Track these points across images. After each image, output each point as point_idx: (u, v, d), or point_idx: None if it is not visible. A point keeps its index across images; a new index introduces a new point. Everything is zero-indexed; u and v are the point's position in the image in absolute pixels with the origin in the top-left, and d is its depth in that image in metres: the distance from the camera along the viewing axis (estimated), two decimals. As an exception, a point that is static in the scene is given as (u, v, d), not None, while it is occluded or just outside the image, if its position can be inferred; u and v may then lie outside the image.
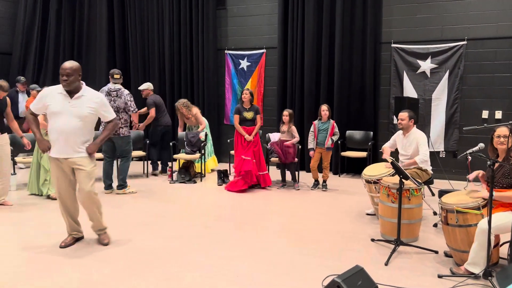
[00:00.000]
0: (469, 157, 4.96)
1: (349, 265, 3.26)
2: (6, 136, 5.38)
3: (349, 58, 7.76)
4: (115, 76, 6.31)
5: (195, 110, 7.70)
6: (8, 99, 5.42)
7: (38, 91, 7.95)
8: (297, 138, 6.62)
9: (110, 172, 6.37)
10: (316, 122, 6.55)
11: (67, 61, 3.86)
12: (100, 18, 9.52)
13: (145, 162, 7.83)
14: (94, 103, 3.92)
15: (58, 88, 3.88)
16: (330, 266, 3.70)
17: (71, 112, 3.81)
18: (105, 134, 4.09)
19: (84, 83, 3.96)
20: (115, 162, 6.53)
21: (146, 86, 7.72)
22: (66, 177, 3.98)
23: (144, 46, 9.35)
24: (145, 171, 7.79)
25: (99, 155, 7.20)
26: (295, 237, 4.45)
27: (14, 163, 6.61)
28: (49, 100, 3.84)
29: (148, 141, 7.59)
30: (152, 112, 7.55)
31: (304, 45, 8.00)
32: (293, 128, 6.65)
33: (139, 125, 7.17)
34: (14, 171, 6.48)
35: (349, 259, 3.84)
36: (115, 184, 6.42)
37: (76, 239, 4.22)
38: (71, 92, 3.84)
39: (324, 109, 6.47)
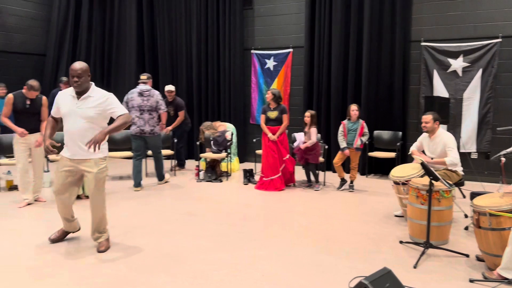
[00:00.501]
0: (503, 159, 4.81)
1: (376, 267, 3.21)
2: (39, 135, 5.55)
3: (377, 57, 7.64)
4: (142, 77, 6.57)
5: (221, 128, 7.79)
6: (44, 98, 5.56)
7: (65, 83, 8.21)
8: (312, 140, 6.50)
9: (140, 169, 6.51)
10: (345, 121, 6.48)
11: (76, 62, 3.85)
12: (129, 20, 9.72)
13: (172, 160, 7.95)
14: (100, 103, 3.85)
15: (70, 90, 3.91)
16: (357, 267, 3.65)
17: (78, 113, 3.82)
18: (115, 124, 3.78)
19: (93, 84, 3.96)
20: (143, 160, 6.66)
21: (173, 88, 7.84)
22: (68, 176, 3.95)
23: (172, 47, 9.49)
24: (173, 170, 7.90)
25: (128, 153, 7.37)
26: (321, 237, 4.42)
27: (48, 160, 6.82)
28: (60, 102, 3.91)
29: (176, 140, 7.71)
30: (182, 114, 7.74)
31: (331, 44, 7.93)
32: (312, 130, 6.54)
33: (165, 127, 7.28)
34: (47, 169, 6.69)
35: (377, 261, 3.78)
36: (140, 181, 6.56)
37: (67, 233, 4.28)
38: (80, 93, 3.85)
39: (354, 108, 6.39)
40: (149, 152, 6.93)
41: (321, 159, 6.71)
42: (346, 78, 7.90)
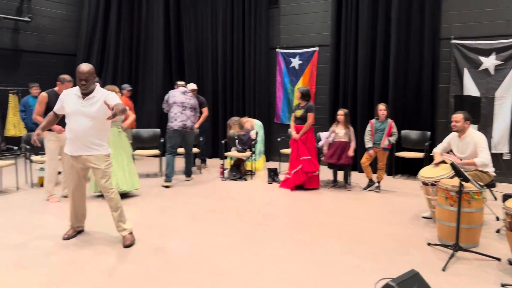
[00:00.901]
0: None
1: (403, 269, 3.15)
2: None
3: (405, 55, 7.49)
4: (180, 83, 7.10)
5: (248, 124, 7.79)
6: None
7: (129, 91, 8.56)
8: (354, 141, 6.46)
9: (174, 165, 6.69)
10: (373, 121, 6.38)
11: (83, 65, 3.94)
12: (157, 19, 9.87)
13: (196, 159, 8.03)
14: (102, 101, 3.93)
15: (75, 90, 4.03)
16: (383, 269, 3.59)
17: (82, 112, 3.94)
18: (118, 107, 3.74)
19: (98, 84, 4.09)
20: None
21: (196, 86, 7.91)
22: (77, 174, 4.13)
23: (198, 46, 9.58)
24: (199, 168, 7.99)
25: (155, 151, 7.48)
26: (347, 238, 4.37)
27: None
28: (65, 101, 4.02)
29: (202, 138, 7.80)
30: (206, 111, 7.84)
31: (358, 42, 7.83)
32: (352, 129, 6.48)
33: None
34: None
35: (404, 263, 3.71)
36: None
37: (78, 232, 4.40)
38: (86, 93, 3.98)
39: (382, 108, 6.28)
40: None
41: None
42: (373, 76, 7.78)
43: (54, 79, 5.87)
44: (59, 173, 6.00)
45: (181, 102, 6.65)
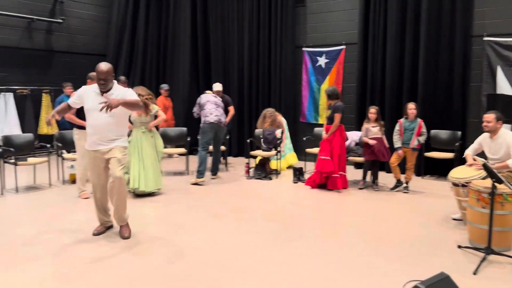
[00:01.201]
0: None
1: (433, 272, 3.08)
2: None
3: (435, 53, 7.31)
4: (208, 92, 7.36)
5: (279, 118, 7.84)
6: None
7: (166, 90, 8.81)
8: (381, 137, 6.41)
9: (206, 161, 6.85)
10: (402, 120, 6.27)
11: (102, 64, 4.02)
12: (184, 19, 9.98)
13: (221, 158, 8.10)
14: (121, 98, 4.03)
15: (94, 87, 4.14)
16: (412, 271, 3.53)
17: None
18: (130, 99, 4.01)
19: (115, 82, 4.18)
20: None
21: (221, 87, 8.04)
22: (99, 168, 4.24)
23: (224, 45, 9.63)
24: (225, 165, 8.06)
25: (182, 150, 7.57)
26: (374, 239, 4.31)
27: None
28: (85, 98, 4.14)
29: (228, 137, 7.87)
30: (233, 109, 7.93)
31: (386, 40, 7.69)
32: (383, 124, 6.44)
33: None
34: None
35: (433, 266, 3.63)
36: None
37: (107, 227, 4.48)
38: (105, 91, 4.08)
39: (411, 107, 6.16)
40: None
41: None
42: (401, 75, 7.63)
43: (84, 78, 6.04)
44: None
45: (214, 102, 7.02)
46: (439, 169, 7.40)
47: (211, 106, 6.92)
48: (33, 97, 9.33)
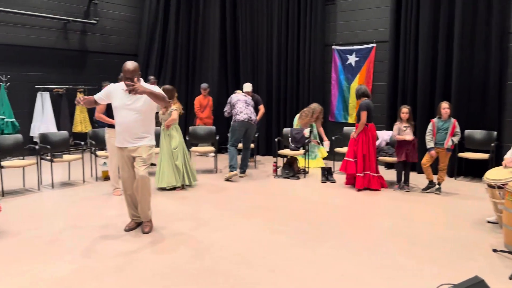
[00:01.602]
0: None
1: (466, 276, 3.00)
2: None
3: (470, 51, 7.09)
4: (238, 91, 7.65)
5: (319, 115, 7.93)
6: None
7: (205, 89, 9.01)
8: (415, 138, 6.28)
9: (237, 156, 7.11)
10: (435, 120, 6.11)
11: (129, 63, 4.09)
12: (213, 19, 10.07)
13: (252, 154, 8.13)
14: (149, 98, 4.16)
15: (121, 85, 4.23)
16: (444, 274, 3.44)
17: (129, 107, 4.16)
18: (156, 91, 4.12)
19: (142, 80, 4.25)
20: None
21: (251, 87, 8.11)
22: (127, 165, 4.33)
23: (253, 44, 9.66)
24: (254, 163, 8.08)
25: (208, 148, 7.64)
26: (405, 240, 4.23)
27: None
28: (113, 96, 4.22)
29: (257, 135, 7.92)
30: (263, 107, 8.08)
31: (419, 38, 7.51)
32: (414, 125, 6.30)
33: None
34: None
35: (467, 269, 3.53)
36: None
37: (138, 223, 4.56)
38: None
39: (445, 106, 6.00)
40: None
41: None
42: (434, 73, 7.44)
43: (117, 78, 6.19)
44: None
45: (244, 100, 7.25)
46: (473, 170, 7.18)
47: (242, 104, 7.12)
48: (68, 96, 9.64)
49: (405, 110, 6.28)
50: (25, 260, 3.70)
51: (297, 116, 8.20)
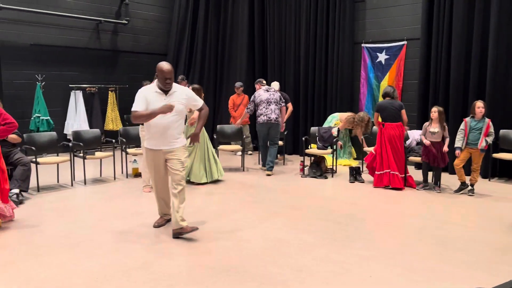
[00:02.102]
0: None
1: (501, 280, 2.90)
2: None
3: (506, 47, 6.83)
4: (264, 81, 7.95)
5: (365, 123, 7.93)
6: None
7: (238, 88, 9.09)
8: (448, 139, 6.08)
9: (267, 154, 7.43)
10: (467, 119, 5.93)
11: (166, 64, 4.12)
12: (241, 18, 10.10)
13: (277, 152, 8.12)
14: (185, 98, 4.26)
15: (152, 88, 4.23)
16: (478, 278, 3.33)
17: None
18: (201, 122, 4.46)
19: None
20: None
21: (278, 86, 8.28)
22: (160, 165, 4.34)
23: (281, 42, 9.63)
24: (283, 161, 8.06)
25: (235, 146, 7.66)
26: (437, 243, 4.12)
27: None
28: (148, 99, 4.18)
29: (286, 132, 7.94)
30: (291, 106, 8.23)
31: (452, 35, 7.29)
32: (446, 128, 6.11)
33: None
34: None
35: (502, 273, 3.40)
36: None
37: (167, 220, 4.63)
38: (168, 90, 4.18)
39: (479, 105, 5.81)
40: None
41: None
42: (467, 72, 7.21)
43: (146, 77, 6.30)
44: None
45: (266, 99, 7.33)
46: (508, 171, 6.94)
47: (263, 105, 7.32)
48: (100, 95, 9.89)
49: (433, 109, 6.13)
50: (57, 253, 3.82)
51: (336, 115, 8.19)
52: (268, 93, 7.36)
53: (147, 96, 4.18)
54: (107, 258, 3.73)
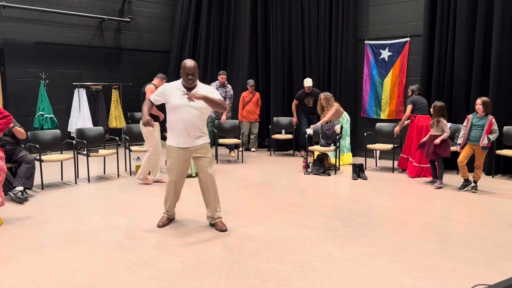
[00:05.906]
0: None
1: (503, 277, 2.91)
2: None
3: (510, 44, 6.80)
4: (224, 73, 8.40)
5: (336, 106, 7.75)
6: None
7: (251, 86, 9.13)
8: (447, 132, 6.08)
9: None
10: (470, 116, 5.92)
11: (189, 61, 4.14)
12: (244, 15, 10.08)
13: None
14: (207, 94, 4.17)
15: (176, 85, 4.24)
16: (480, 275, 3.34)
17: (190, 104, 4.14)
18: (216, 98, 4.13)
19: (198, 81, 4.32)
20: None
21: (311, 83, 8.47)
22: (185, 165, 4.35)
23: (284, 39, 9.60)
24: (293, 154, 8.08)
25: (233, 140, 7.66)
26: (439, 239, 4.13)
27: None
28: (169, 95, 4.20)
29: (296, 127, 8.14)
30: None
31: (455, 31, 7.26)
32: (443, 121, 6.12)
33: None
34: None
35: (505, 270, 3.41)
36: None
37: (170, 219, 4.63)
38: (192, 87, 4.18)
39: (477, 102, 5.81)
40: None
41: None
42: (470, 68, 7.18)
43: (150, 75, 6.34)
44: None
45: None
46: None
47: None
48: (104, 93, 9.92)
49: (433, 104, 6.23)
50: (62, 250, 3.85)
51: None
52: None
53: (167, 91, 4.22)
54: (111, 254, 3.76)
